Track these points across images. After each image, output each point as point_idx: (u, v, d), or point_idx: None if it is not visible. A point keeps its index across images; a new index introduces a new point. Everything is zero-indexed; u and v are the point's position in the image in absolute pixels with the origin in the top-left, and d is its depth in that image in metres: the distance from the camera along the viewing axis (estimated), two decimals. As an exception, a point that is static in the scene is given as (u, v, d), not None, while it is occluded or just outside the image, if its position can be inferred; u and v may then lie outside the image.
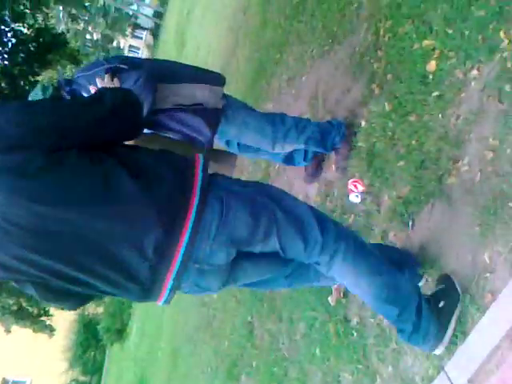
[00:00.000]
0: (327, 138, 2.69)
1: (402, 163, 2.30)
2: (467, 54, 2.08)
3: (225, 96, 2.49)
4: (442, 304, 1.65)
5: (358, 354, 2.25)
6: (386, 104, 2.56)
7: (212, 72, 2.57)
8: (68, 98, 2.24)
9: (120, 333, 12.30)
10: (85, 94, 2.22)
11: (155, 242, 1.34)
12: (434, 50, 2.29)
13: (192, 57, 10.79)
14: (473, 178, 1.88)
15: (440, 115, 2.16)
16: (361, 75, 2.94)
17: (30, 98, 2.29)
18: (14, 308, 6.15)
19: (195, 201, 1.37)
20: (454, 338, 1.66)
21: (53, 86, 2.27)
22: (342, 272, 1.59)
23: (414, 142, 2.27)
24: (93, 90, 2.16)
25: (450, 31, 2.21)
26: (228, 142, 2.75)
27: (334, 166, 2.83)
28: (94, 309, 17.67)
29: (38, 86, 2.29)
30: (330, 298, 2.58)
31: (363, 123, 2.74)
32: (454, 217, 1.91)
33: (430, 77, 2.28)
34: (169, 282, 1.41)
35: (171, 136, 2.40)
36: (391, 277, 1.61)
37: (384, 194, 2.38)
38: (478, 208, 1.78)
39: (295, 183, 3.56)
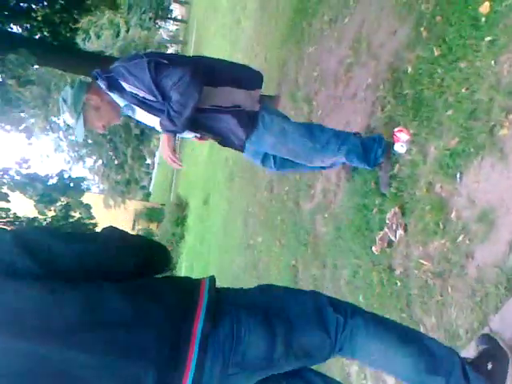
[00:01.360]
0: (369, 152, 2.55)
1: (450, 112, 2.23)
2: (525, -6, 1.94)
3: (263, 101, 2.46)
4: (490, 366, 1.50)
5: (401, 303, 2.30)
6: (434, 49, 2.45)
7: (251, 70, 2.54)
8: (104, 86, 2.27)
9: (170, 271, 12.90)
10: (123, 83, 2.22)
11: (155, 377, 1.15)
12: (488, -11, 2.15)
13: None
14: (526, 130, 1.81)
15: (493, 62, 2.05)
16: (408, 17, 2.80)
17: (61, 97, 2.36)
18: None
19: (199, 322, 1.21)
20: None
21: (83, 82, 2.34)
22: (367, 347, 1.44)
23: (464, 90, 2.18)
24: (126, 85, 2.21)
25: (507, -32, 2.05)
26: (263, 160, 2.70)
27: (379, 182, 2.66)
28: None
29: (68, 88, 2.33)
30: (374, 248, 2.61)
31: (410, 69, 2.64)
32: (504, 171, 1.86)
33: (483, 19, 2.15)
34: None
35: (209, 136, 2.42)
36: (424, 342, 1.47)
37: (431, 145, 2.33)
38: (531, 162, 1.73)
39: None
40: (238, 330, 1.24)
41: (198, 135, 2.49)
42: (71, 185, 5.84)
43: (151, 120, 2.42)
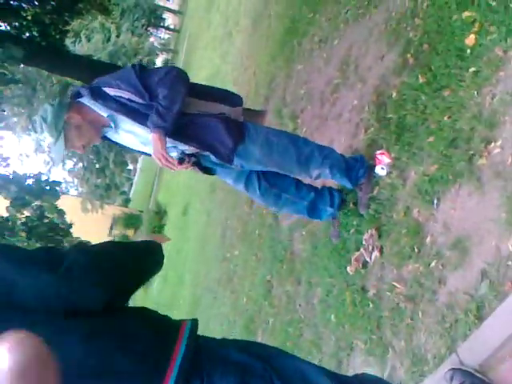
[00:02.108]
0: (352, 170, 2.57)
1: (431, 139, 2.27)
2: (509, 29, 2.00)
3: (246, 115, 2.51)
4: None
5: (372, 324, 2.31)
6: (419, 76, 2.50)
7: (231, 92, 2.56)
8: (87, 95, 2.22)
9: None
10: (106, 90, 2.20)
11: None
12: (474, 22, 2.21)
13: (223, 11, 10.53)
14: (504, 161, 1.85)
15: (475, 92, 2.10)
16: (396, 43, 2.86)
17: (40, 115, 2.27)
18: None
19: (172, 375, 1.13)
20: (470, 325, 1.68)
21: (64, 100, 2.27)
22: None
23: (446, 118, 2.22)
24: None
25: (494, 3, 2.12)
26: (246, 184, 2.64)
27: (358, 203, 2.67)
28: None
29: (48, 106, 2.26)
30: (348, 268, 2.62)
31: (394, 94, 2.68)
32: (480, 200, 1.90)
33: (468, 51, 2.20)
34: None
35: (193, 146, 2.36)
36: None
37: (411, 170, 2.36)
38: (507, 193, 1.77)
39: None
40: None
41: (181, 155, 2.42)
42: (47, 188, 5.75)
43: (130, 138, 2.37)
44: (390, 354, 2.12)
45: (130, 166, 29.55)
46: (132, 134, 2.34)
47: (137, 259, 1.30)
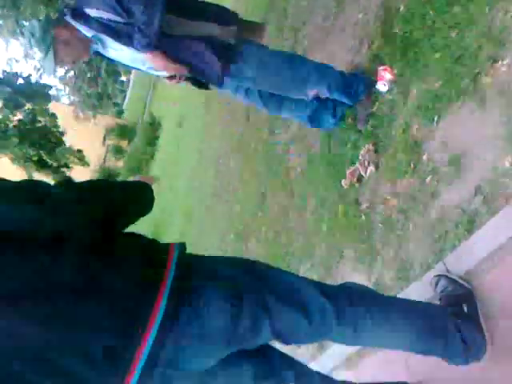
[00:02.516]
0: (351, 87, 2.54)
1: (437, 56, 2.24)
2: None
3: (241, 34, 2.37)
4: (466, 309, 1.57)
5: (363, 234, 2.41)
6: (430, -12, 2.41)
7: (226, 9, 2.44)
8: (69, 16, 2.19)
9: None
10: (87, 10, 2.15)
11: (105, 350, 1.08)
12: None
13: None
14: (510, 80, 1.84)
15: (487, 8, 2.05)
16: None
17: (28, 30, 2.27)
18: (35, 158, 6.44)
19: (164, 295, 1.12)
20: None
21: (50, 17, 2.25)
22: (374, 337, 1.42)
23: (454, 34, 2.18)
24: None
25: None
26: (247, 92, 2.61)
27: (357, 119, 2.65)
28: (114, 162, 18.19)
29: (35, 22, 2.24)
30: (343, 181, 2.68)
31: (402, 8, 2.60)
32: (481, 118, 1.91)
33: (484, -36, 2.11)
34: None
35: (182, 74, 2.33)
36: (421, 309, 1.52)
37: (413, 86, 2.35)
38: (509, 112, 1.78)
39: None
40: (196, 303, 1.15)
41: (170, 73, 2.40)
42: (38, 91, 5.64)
43: (121, 54, 2.33)
44: (379, 262, 2.23)
45: (124, 78, 28.77)
46: (120, 52, 2.31)
47: (126, 197, 1.30)
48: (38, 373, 1.06)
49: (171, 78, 2.49)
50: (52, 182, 1.25)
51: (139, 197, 1.35)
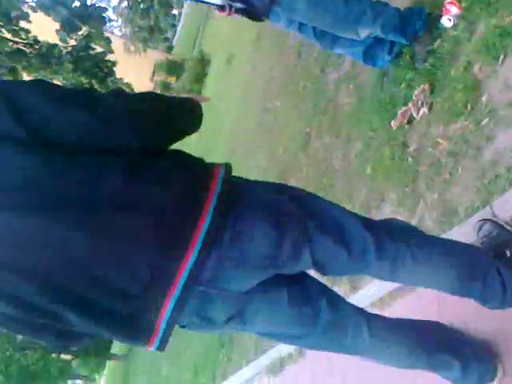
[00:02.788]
0: (408, 25, 2.36)
1: (512, -12, 2.05)
2: None
3: None
4: (508, 253, 1.54)
5: (407, 177, 2.33)
6: None
7: None
8: None
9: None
10: None
11: (149, 262, 1.10)
12: None
13: None
14: None
15: None
16: None
17: None
18: (87, 86, 6.60)
19: (209, 210, 1.12)
20: None
21: None
22: (413, 274, 1.40)
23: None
24: None
25: None
26: (300, 27, 2.48)
27: (415, 57, 2.48)
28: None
29: None
30: (393, 122, 2.57)
31: None
32: (552, 57, 1.76)
33: None
34: (166, 309, 1.13)
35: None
36: (462, 250, 1.48)
37: (481, 22, 2.17)
38: None
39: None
40: (240, 226, 1.15)
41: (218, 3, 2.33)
42: (93, 13, 5.62)
43: None
44: (421, 205, 2.16)
45: (175, 11, 28.38)
46: None
47: (176, 110, 1.27)
48: (79, 279, 1.08)
49: (222, 9, 2.42)
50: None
51: (188, 112, 1.33)
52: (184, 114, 1.30)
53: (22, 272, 1.06)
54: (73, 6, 5.54)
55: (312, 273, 1.38)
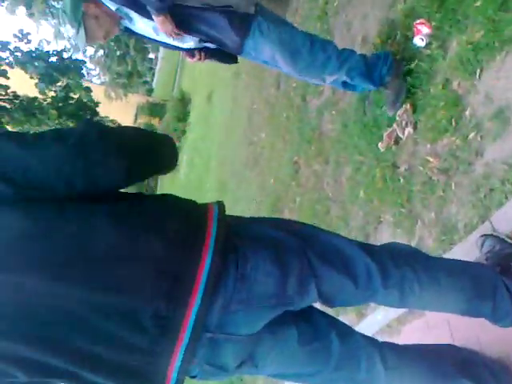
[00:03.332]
0: (374, 70, 2.40)
1: (478, 3, 2.09)
2: None
3: (258, 5, 2.29)
4: None
5: (402, 198, 2.32)
6: None
7: None
8: None
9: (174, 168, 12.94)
10: None
11: (153, 312, 1.05)
12: None
13: None
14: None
15: None
16: None
17: (61, 8, 2.32)
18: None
19: (208, 253, 1.08)
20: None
21: None
22: (421, 299, 1.36)
23: (497, -22, 2.03)
24: None
25: None
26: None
27: (386, 102, 2.51)
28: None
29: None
30: (380, 144, 2.58)
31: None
32: (528, 67, 1.78)
33: None
34: (176, 360, 1.09)
35: (199, 38, 2.32)
36: (469, 270, 1.45)
37: (453, 39, 2.21)
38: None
39: (354, 22, 3.35)
40: (242, 267, 1.11)
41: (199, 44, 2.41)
42: (71, 66, 5.68)
43: (146, 29, 2.35)
44: (419, 225, 2.15)
45: (152, 55, 28.81)
46: (145, 25, 2.32)
47: (150, 141, 1.24)
48: (87, 339, 1.04)
49: (191, 55, 2.49)
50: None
51: (170, 147, 1.30)
52: (159, 144, 1.26)
53: (23, 337, 1.02)
54: (49, 60, 5.60)
55: (318, 305, 1.35)
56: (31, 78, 5.62)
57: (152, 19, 2.21)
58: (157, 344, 1.07)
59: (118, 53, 22.44)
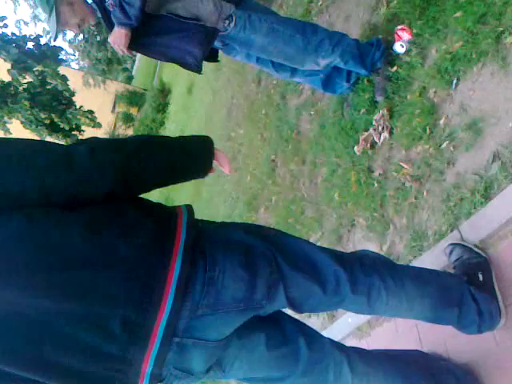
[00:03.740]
0: (366, 55, 2.43)
1: (459, 14, 2.12)
2: None
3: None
4: (481, 277, 1.54)
5: (375, 203, 2.35)
6: None
7: None
8: None
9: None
10: None
11: (124, 320, 1.04)
12: None
13: None
14: (534, 39, 1.74)
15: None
16: None
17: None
18: (47, 122, 6.32)
19: (177, 259, 1.08)
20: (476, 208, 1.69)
21: None
22: (389, 306, 1.38)
23: (477, -10, 2.06)
24: None
25: None
26: (258, 60, 2.52)
27: (375, 88, 2.53)
28: (124, 129, 18.11)
29: None
30: (356, 148, 2.60)
31: (423, -37, 2.46)
32: (502, 81, 1.82)
33: None
34: (147, 366, 1.09)
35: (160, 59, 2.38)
36: (436, 279, 1.48)
37: (432, 47, 2.24)
38: (532, 74, 1.69)
39: (336, 23, 3.36)
40: (211, 271, 1.11)
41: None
42: (48, 53, 5.51)
43: None
44: (391, 230, 2.18)
45: (133, 42, 28.42)
46: None
47: (169, 156, 1.21)
48: (57, 348, 1.03)
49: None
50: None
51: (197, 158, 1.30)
52: (189, 160, 1.26)
53: None
54: (25, 46, 5.45)
55: (287, 310, 1.36)
56: (5, 61, 5.46)
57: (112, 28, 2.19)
58: (127, 351, 1.06)
59: (98, 38, 22.08)
